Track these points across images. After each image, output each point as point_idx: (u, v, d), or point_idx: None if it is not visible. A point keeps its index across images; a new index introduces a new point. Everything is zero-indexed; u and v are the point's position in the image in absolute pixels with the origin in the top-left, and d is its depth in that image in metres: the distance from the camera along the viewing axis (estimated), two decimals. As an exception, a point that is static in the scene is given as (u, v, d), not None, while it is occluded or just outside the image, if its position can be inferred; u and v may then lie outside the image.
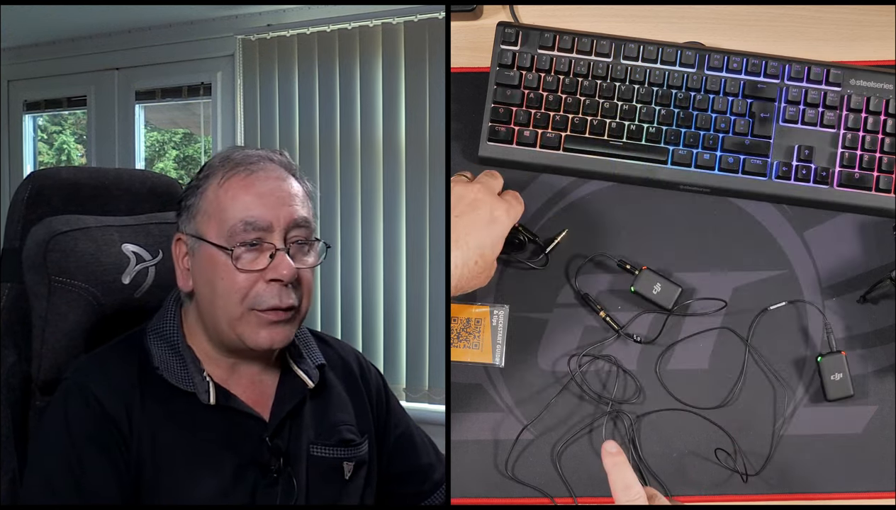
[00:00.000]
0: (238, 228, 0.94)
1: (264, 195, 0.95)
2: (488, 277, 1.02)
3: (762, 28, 1.17)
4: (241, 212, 0.94)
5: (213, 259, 0.95)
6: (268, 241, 0.95)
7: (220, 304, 0.95)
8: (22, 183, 1.09)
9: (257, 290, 0.94)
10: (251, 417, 0.98)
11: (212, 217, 0.96)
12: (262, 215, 0.94)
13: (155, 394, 0.95)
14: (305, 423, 1.03)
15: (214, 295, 0.95)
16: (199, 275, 0.97)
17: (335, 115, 2.69)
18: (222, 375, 0.99)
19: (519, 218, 1.04)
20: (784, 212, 1.12)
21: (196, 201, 0.97)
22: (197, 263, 0.97)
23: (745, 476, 1.04)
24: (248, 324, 0.95)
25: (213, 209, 0.96)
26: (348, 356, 1.15)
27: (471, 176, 1.05)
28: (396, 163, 2.61)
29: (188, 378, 0.96)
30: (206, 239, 0.95)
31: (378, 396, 1.14)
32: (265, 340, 0.96)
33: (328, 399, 1.07)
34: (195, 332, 1.00)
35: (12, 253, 1.06)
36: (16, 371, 1.02)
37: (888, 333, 1.08)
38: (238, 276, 0.94)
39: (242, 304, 0.94)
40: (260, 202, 0.95)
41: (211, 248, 0.95)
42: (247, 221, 0.94)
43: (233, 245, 0.94)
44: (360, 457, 1.06)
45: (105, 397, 0.93)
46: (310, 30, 2.71)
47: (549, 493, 1.06)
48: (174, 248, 0.99)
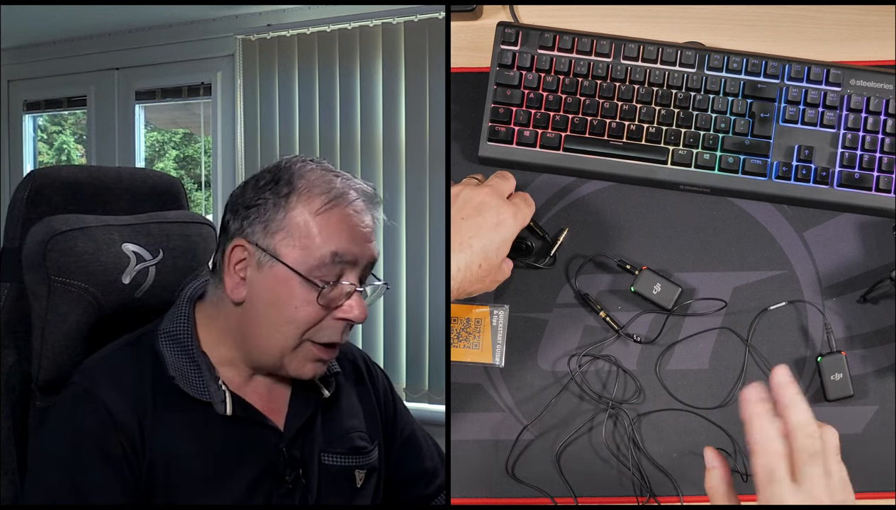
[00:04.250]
0: (326, 260, 0.91)
1: (354, 231, 0.92)
2: (494, 282, 1.02)
3: (762, 28, 1.17)
4: (333, 246, 0.91)
5: (290, 286, 0.91)
6: (346, 277, 0.92)
7: (281, 331, 0.92)
8: (21, 182, 1.09)
9: (323, 325, 0.92)
10: (267, 427, 0.96)
11: (298, 241, 0.91)
12: (351, 251, 0.92)
13: (168, 403, 0.92)
14: (317, 431, 1.01)
15: (278, 320, 0.92)
16: (262, 293, 0.92)
17: (335, 115, 2.69)
18: (238, 382, 0.97)
19: (528, 221, 1.04)
20: (784, 212, 1.12)
21: (278, 218, 0.91)
22: (263, 281, 0.92)
23: (745, 476, 1.04)
24: (298, 356, 0.93)
25: (301, 234, 0.91)
26: (356, 358, 1.13)
27: (481, 178, 1.05)
28: (396, 163, 2.61)
29: (203, 387, 0.94)
30: (285, 262, 0.91)
31: (385, 399, 1.13)
32: (309, 373, 0.95)
33: (340, 406, 1.05)
34: (216, 338, 0.97)
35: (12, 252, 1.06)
36: (16, 371, 1.02)
37: (888, 333, 1.08)
38: (313, 310, 0.91)
39: (303, 336, 0.92)
40: (351, 238, 0.92)
41: (290, 273, 0.90)
42: (337, 253, 0.91)
43: (316, 277, 0.91)
44: (370, 464, 1.05)
45: (115, 405, 0.89)
46: (310, 30, 2.71)
47: (549, 493, 1.06)
48: (230, 253, 0.93)
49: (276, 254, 0.91)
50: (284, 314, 0.91)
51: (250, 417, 0.95)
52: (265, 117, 2.80)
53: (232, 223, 0.95)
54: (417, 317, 2.58)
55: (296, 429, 0.98)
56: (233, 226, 0.94)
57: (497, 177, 1.04)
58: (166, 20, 2.97)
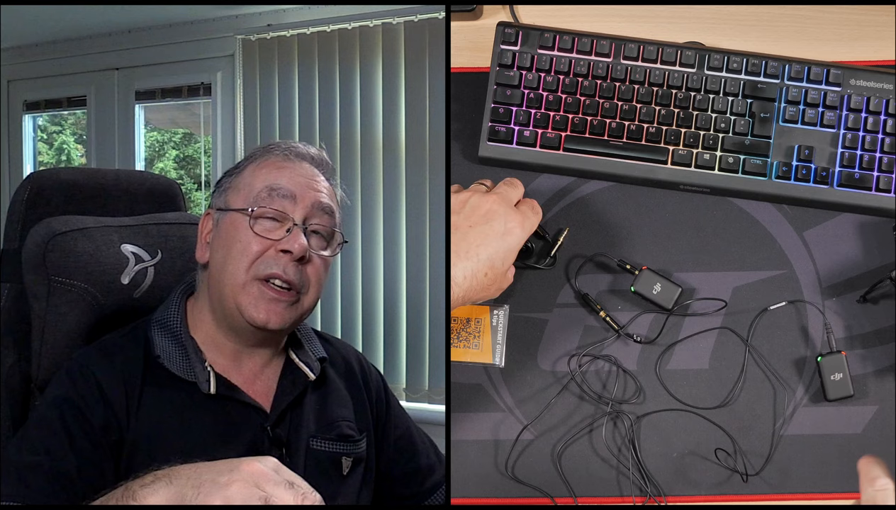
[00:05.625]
0: (263, 194, 0.98)
1: (295, 176, 1.01)
2: (500, 289, 1.02)
3: (762, 28, 1.17)
4: (269, 181, 0.99)
5: (234, 223, 0.99)
6: (289, 216, 0.98)
7: (230, 270, 0.97)
8: (21, 183, 1.09)
9: (265, 257, 0.97)
10: (252, 407, 0.99)
11: (241, 190, 1.01)
12: (288, 186, 0.99)
13: (156, 382, 0.96)
14: (306, 416, 1.04)
15: (227, 258, 0.98)
16: (217, 244, 1.00)
17: (335, 115, 2.69)
18: (225, 365, 1.00)
19: (535, 229, 1.04)
20: (784, 212, 1.12)
21: (231, 180, 1.03)
22: (218, 233, 1.01)
23: (745, 476, 1.04)
24: (248, 294, 0.97)
25: (244, 184, 1.01)
26: (349, 356, 1.16)
27: (490, 184, 1.05)
28: (396, 163, 2.61)
29: (189, 367, 0.97)
30: (231, 207, 1.00)
31: (378, 397, 1.15)
32: (262, 315, 0.97)
33: (329, 394, 1.08)
34: (201, 320, 1.01)
35: (12, 253, 1.06)
36: (15, 371, 1.02)
37: (888, 333, 1.08)
38: (252, 240, 0.97)
39: (249, 272, 0.97)
40: (289, 177, 1.00)
41: (234, 214, 0.99)
42: (272, 187, 0.98)
43: (254, 207, 0.98)
44: (358, 453, 1.07)
45: (105, 380, 0.93)
46: (310, 30, 2.71)
47: (549, 493, 1.06)
48: (201, 224, 1.04)
49: (227, 205, 1.01)
50: (231, 251, 0.98)
51: (234, 397, 0.98)
52: (265, 117, 2.81)
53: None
54: (417, 318, 2.58)
55: (281, 410, 1.01)
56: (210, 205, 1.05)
57: (505, 184, 1.04)
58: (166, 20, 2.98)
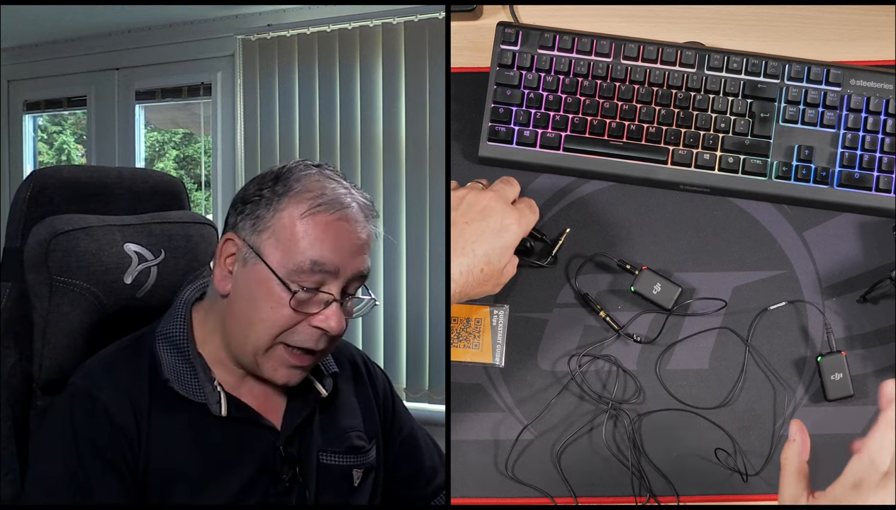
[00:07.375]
0: (305, 267, 0.89)
1: (341, 241, 0.91)
2: (497, 285, 1.02)
3: (762, 28, 1.17)
4: (314, 253, 0.90)
5: (269, 286, 0.90)
6: (327, 286, 0.91)
7: (256, 331, 0.92)
8: (23, 182, 1.09)
9: (297, 330, 0.91)
10: (263, 426, 0.97)
11: (280, 243, 0.90)
12: (333, 261, 0.90)
13: (164, 405, 0.93)
14: (315, 431, 1.02)
15: (253, 318, 0.91)
16: (243, 289, 0.93)
17: (335, 115, 2.69)
18: (233, 382, 0.97)
19: (531, 227, 1.04)
20: (784, 212, 1.12)
21: (267, 216, 0.91)
22: (245, 278, 0.92)
23: (745, 476, 1.05)
24: (271, 358, 0.93)
25: (285, 236, 0.90)
26: (355, 357, 1.13)
27: (486, 183, 1.05)
28: (396, 163, 2.61)
29: (199, 388, 0.94)
30: (268, 262, 0.90)
31: (385, 398, 1.13)
32: (282, 378, 0.94)
33: (338, 405, 1.06)
34: (209, 336, 0.98)
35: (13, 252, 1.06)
36: (17, 371, 1.02)
37: (888, 333, 1.08)
38: (286, 313, 0.90)
39: (276, 337, 0.91)
40: (335, 248, 0.91)
41: (269, 273, 0.90)
42: (316, 262, 0.90)
43: (293, 281, 0.90)
44: (368, 463, 1.05)
45: (113, 406, 0.90)
46: (310, 30, 2.71)
47: (549, 493, 1.06)
48: (221, 246, 0.94)
49: (260, 252, 0.91)
50: (259, 312, 0.91)
51: (246, 417, 0.96)
52: (265, 117, 2.80)
53: (231, 217, 0.96)
54: (417, 318, 2.58)
55: (293, 428, 0.99)
56: (230, 220, 0.96)
57: (502, 182, 1.04)
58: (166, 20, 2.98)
